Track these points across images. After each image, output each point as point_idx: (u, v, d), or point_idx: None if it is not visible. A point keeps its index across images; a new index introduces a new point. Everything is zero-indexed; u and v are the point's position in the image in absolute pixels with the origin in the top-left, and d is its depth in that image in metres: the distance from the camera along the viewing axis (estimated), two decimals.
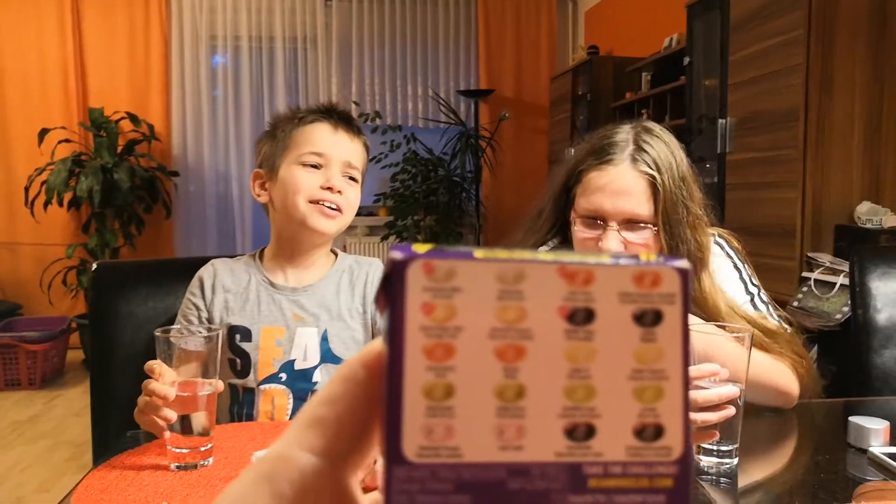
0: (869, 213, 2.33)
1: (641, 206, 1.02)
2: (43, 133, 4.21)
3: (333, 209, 1.09)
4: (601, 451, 0.19)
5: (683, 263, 0.20)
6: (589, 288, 0.19)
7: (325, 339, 1.12)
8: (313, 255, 1.16)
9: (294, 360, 1.10)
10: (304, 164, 1.10)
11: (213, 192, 4.89)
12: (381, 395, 0.19)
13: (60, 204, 4.15)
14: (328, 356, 1.11)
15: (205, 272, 1.16)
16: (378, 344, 0.20)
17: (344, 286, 1.16)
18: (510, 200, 5.20)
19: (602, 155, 1.06)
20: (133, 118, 4.45)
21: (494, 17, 5.17)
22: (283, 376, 1.10)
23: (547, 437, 0.19)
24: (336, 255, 1.21)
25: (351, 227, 5.09)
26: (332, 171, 1.10)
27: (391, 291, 0.19)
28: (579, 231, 1.06)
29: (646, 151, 1.04)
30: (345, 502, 0.21)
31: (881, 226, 2.27)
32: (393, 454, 0.18)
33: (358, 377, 0.21)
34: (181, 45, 4.80)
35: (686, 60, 3.22)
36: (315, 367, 1.11)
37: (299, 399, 1.09)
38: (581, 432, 0.19)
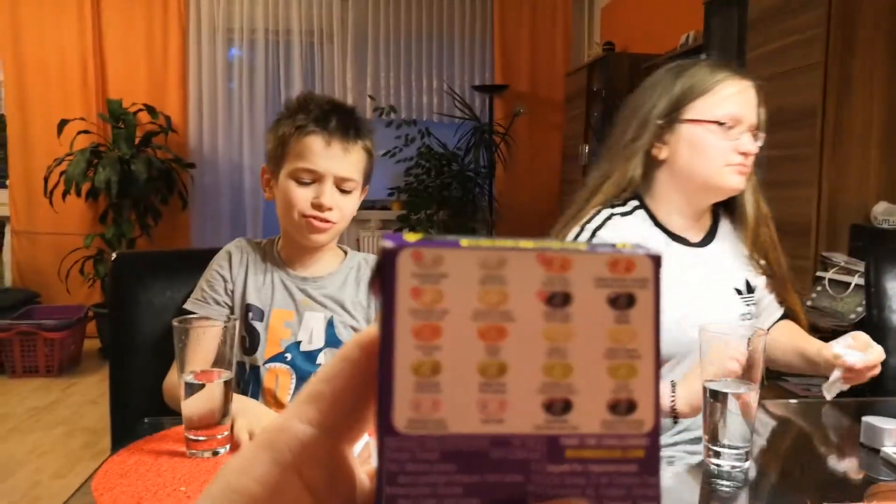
0: (885, 214, 2.31)
1: (758, 118, 1.18)
2: (62, 124, 4.25)
3: (325, 222, 1.12)
4: (577, 425, 0.20)
5: (656, 251, 0.21)
6: (566, 273, 0.21)
7: (330, 324, 1.17)
8: (317, 253, 1.21)
9: (300, 342, 1.15)
10: (298, 179, 1.12)
11: (228, 183, 4.92)
12: (374, 372, 0.21)
13: (79, 194, 4.20)
14: (332, 340, 1.17)
15: (233, 248, 1.21)
16: (373, 328, 0.21)
17: (350, 281, 1.21)
18: (524, 196, 5.20)
19: (732, 70, 1.19)
20: (150, 110, 4.49)
21: (510, 13, 5.15)
22: (289, 356, 1.15)
23: (527, 411, 0.20)
24: (346, 252, 1.26)
25: (364, 221, 5.13)
26: (324, 186, 1.12)
27: (383, 277, 0.20)
28: (709, 138, 1.15)
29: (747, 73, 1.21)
30: (341, 469, 0.23)
31: None
32: (384, 426, 0.20)
33: (354, 356, 0.22)
34: (198, 38, 4.83)
35: (703, 57, 3.20)
36: (320, 350, 1.16)
37: (302, 379, 1.14)
38: (559, 407, 0.20)
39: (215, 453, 0.82)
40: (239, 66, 4.93)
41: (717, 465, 0.81)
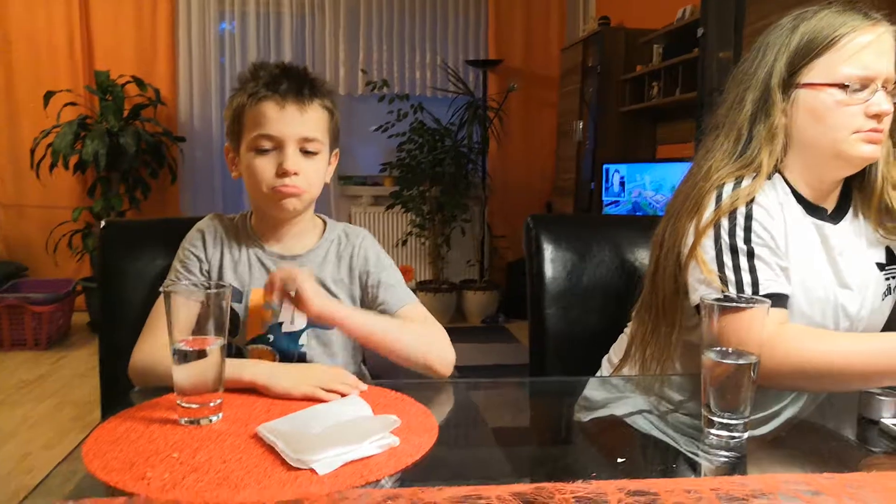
0: None
1: (894, 69, 1.03)
2: (48, 96, 4.18)
3: (294, 188, 1.08)
4: None
5: None
6: None
7: None
8: (294, 225, 1.16)
9: (282, 323, 1.12)
10: (258, 150, 1.07)
11: (220, 158, 4.87)
12: None
13: (66, 167, 4.14)
14: (314, 321, 1.12)
15: (205, 226, 1.16)
16: None
17: (331, 257, 1.17)
18: (517, 173, 5.17)
19: (863, 17, 1.03)
20: (139, 82, 4.42)
21: None
22: (271, 337, 1.11)
23: None
24: (325, 223, 1.20)
25: (356, 197, 5.09)
26: (286, 152, 1.06)
27: None
28: (832, 103, 1.02)
29: (881, 13, 1.04)
30: None
31: None
32: None
33: None
34: (188, 10, 4.75)
35: (700, 32, 3.17)
36: (302, 331, 1.12)
37: (285, 360, 1.11)
38: None
39: (209, 421, 0.80)
40: (230, 41, 4.85)
41: (717, 435, 0.80)
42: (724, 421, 0.80)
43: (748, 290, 1.02)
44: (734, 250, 1.02)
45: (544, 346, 1.43)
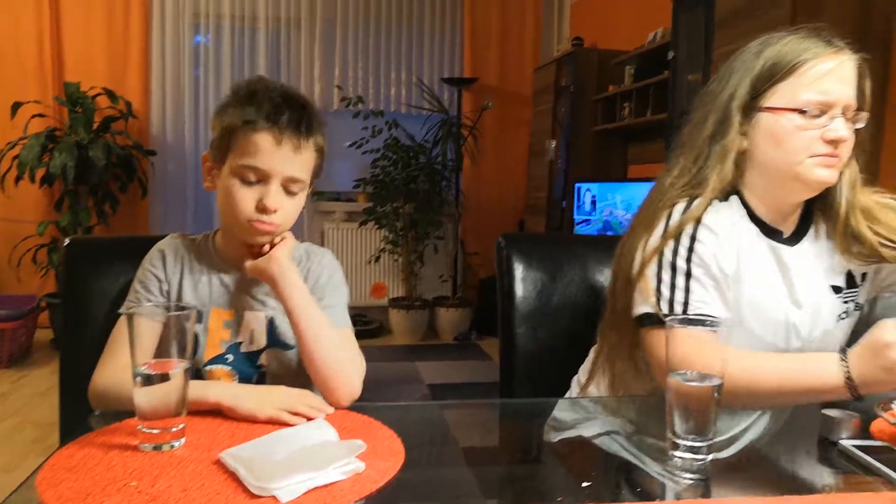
0: None
1: (855, 97, 1.05)
2: (16, 107, 4.11)
3: (270, 224, 1.06)
4: None
5: None
6: None
7: (271, 323, 1.12)
8: (258, 250, 1.13)
9: (241, 343, 1.11)
10: (242, 179, 1.04)
11: (193, 173, 4.82)
12: None
13: (32, 180, 4.06)
14: (274, 341, 1.12)
15: (166, 246, 1.14)
16: None
17: None
18: (491, 190, 5.20)
19: (825, 45, 1.06)
20: (111, 94, 4.36)
21: (480, 5, 5.14)
22: (230, 357, 1.10)
23: None
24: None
25: (329, 213, 5.07)
26: (270, 187, 1.04)
27: None
28: (790, 128, 1.04)
29: (846, 43, 1.07)
30: None
31: None
32: None
33: None
34: (162, 21, 4.71)
35: (670, 55, 3.23)
36: (261, 351, 1.11)
37: (244, 381, 1.09)
38: None
39: (171, 446, 0.79)
40: (205, 54, 4.82)
41: (681, 458, 0.81)
42: (689, 444, 0.81)
43: (678, 308, 1.04)
44: (674, 269, 1.06)
45: (514, 364, 1.43)
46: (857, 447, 0.84)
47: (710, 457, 0.81)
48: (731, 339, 0.91)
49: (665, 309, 1.04)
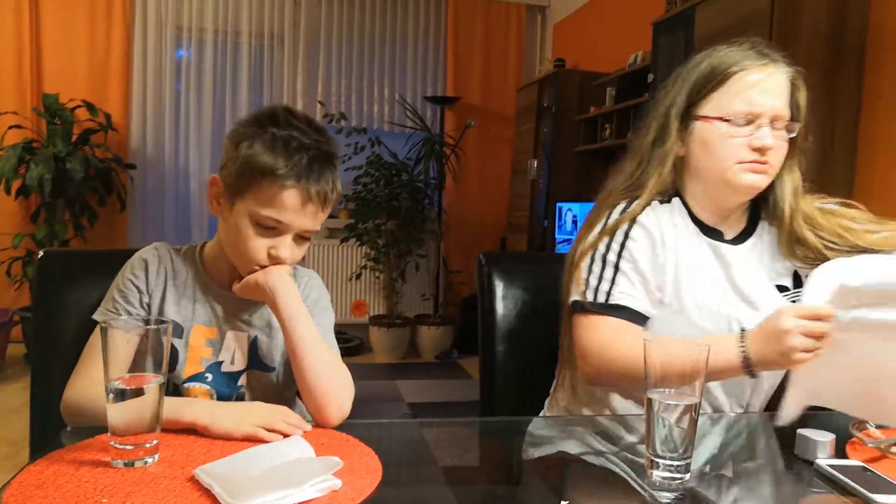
0: None
1: (786, 106, 1.11)
2: None
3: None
4: None
5: None
6: None
7: (254, 344, 1.10)
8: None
9: (222, 362, 1.08)
10: (260, 225, 1.01)
11: (173, 187, 4.78)
12: None
13: (8, 192, 4.00)
14: (255, 362, 1.10)
15: (149, 255, 1.10)
16: None
17: None
18: (472, 208, 5.22)
19: (756, 57, 1.11)
20: (90, 107, 4.32)
21: (464, 26, 5.19)
22: (209, 377, 1.08)
23: None
24: None
25: None
26: (285, 240, 1.02)
27: None
28: (718, 136, 1.11)
29: (782, 57, 1.13)
30: None
31: None
32: None
33: None
34: (144, 34, 4.69)
35: (650, 77, 3.28)
36: (242, 372, 1.09)
37: (222, 401, 1.06)
38: None
39: (144, 463, 0.77)
40: (186, 67, 4.80)
41: (660, 476, 0.81)
42: (667, 462, 0.81)
43: (601, 297, 1.12)
44: (604, 262, 1.14)
45: (495, 382, 1.43)
46: (833, 467, 0.84)
47: (688, 475, 0.81)
48: (675, 331, 1.00)
49: (590, 297, 1.12)
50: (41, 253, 1.23)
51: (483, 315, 1.43)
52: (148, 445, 0.79)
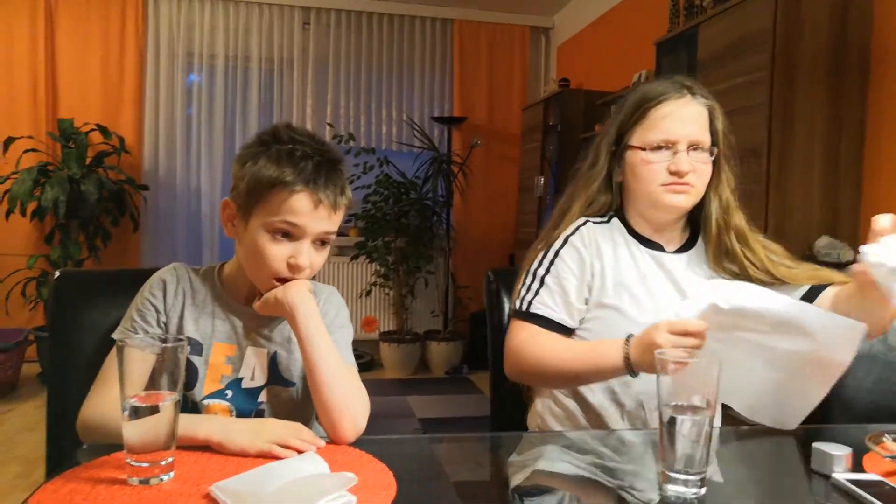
0: (827, 248, 2.39)
1: (703, 132, 1.23)
2: (8, 142, 4.12)
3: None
4: None
5: None
6: None
7: (274, 360, 1.11)
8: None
9: (242, 379, 1.09)
10: (275, 233, 1.02)
11: (184, 208, 4.83)
12: None
13: (24, 214, 4.06)
14: (275, 378, 1.10)
15: (168, 275, 1.11)
16: None
17: None
18: (480, 225, 5.24)
19: (676, 89, 1.24)
20: (104, 130, 4.39)
21: (470, 48, 5.25)
22: (229, 393, 1.08)
23: None
24: None
25: None
26: (303, 245, 1.03)
27: None
28: (642, 162, 1.23)
29: (700, 90, 1.26)
30: None
31: (839, 259, 2.33)
32: None
33: None
34: (156, 60, 4.77)
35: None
36: (262, 388, 1.10)
37: (241, 417, 1.07)
38: None
39: (160, 480, 0.78)
40: (198, 92, 4.87)
41: (674, 492, 0.81)
42: (682, 477, 0.81)
43: (524, 306, 1.26)
44: (533, 275, 1.28)
45: (505, 398, 1.43)
46: (850, 481, 0.84)
47: (704, 490, 0.81)
48: (619, 329, 1.13)
49: (517, 305, 1.27)
50: (58, 273, 1.25)
51: (492, 330, 1.44)
52: (163, 463, 0.79)
